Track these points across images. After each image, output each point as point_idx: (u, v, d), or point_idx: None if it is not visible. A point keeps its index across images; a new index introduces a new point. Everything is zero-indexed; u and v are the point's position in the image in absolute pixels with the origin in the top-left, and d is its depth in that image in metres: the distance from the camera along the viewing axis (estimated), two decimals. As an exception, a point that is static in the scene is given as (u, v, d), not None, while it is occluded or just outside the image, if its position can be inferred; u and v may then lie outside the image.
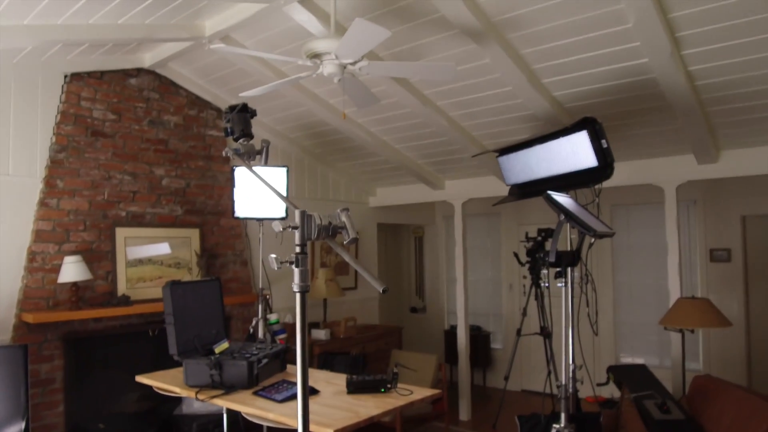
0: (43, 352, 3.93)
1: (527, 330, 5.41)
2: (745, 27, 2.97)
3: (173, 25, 3.76)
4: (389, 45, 3.72)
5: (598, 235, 2.70)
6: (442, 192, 6.25)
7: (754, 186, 5.54)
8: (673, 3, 2.88)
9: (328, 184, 6.37)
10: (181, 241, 4.74)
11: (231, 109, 2.47)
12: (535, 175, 4.06)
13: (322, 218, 1.23)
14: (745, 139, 4.26)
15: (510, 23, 3.30)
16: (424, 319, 8.16)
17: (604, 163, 3.59)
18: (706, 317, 4.05)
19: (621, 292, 6.41)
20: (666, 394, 3.66)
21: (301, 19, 3.47)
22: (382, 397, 2.74)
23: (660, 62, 3.28)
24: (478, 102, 4.31)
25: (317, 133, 5.52)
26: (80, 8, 3.32)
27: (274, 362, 3.16)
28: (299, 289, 1.24)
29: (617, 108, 4.03)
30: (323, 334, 5.43)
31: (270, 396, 2.71)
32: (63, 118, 4.17)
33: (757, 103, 3.71)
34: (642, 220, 6.27)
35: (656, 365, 5.93)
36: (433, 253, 8.18)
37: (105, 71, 4.40)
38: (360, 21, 2.54)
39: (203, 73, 4.67)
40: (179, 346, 2.94)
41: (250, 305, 5.16)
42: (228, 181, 5.03)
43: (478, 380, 7.18)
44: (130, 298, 4.30)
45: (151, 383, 3.12)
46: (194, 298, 3.15)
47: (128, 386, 3.95)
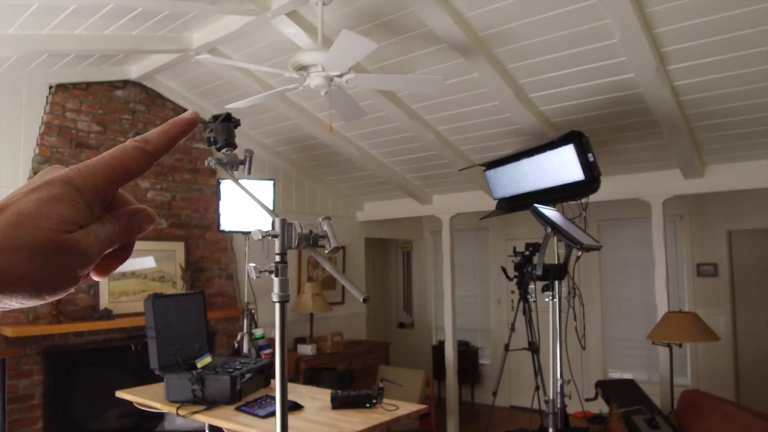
0: (22, 366, 3.84)
1: (515, 345, 5.37)
2: (729, 43, 3.00)
3: (160, 37, 3.74)
4: (377, 59, 3.72)
5: (584, 248, 2.69)
6: (430, 206, 6.24)
7: (739, 201, 5.58)
8: (659, 18, 2.91)
9: (316, 198, 6.35)
10: (165, 255, 4.68)
11: (214, 119, 2.45)
12: (522, 189, 4.06)
13: (303, 226, 1.20)
14: (730, 154, 4.29)
15: (497, 38, 3.31)
16: (411, 335, 8.11)
17: (590, 176, 3.60)
18: (694, 331, 4.05)
19: (609, 307, 6.41)
20: (655, 410, 3.64)
21: (289, 32, 3.47)
22: (367, 412, 2.70)
23: (645, 77, 3.31)
24: (466, 116, 4.32)
25: (305, 147, 5.50)
26: (66, 18, 3.30)
27: (258, 377, 3.10)
28: (278, 299, 1.21)
29: (604, 123, 4.05)
30: (309, 349, 5.37)
31: (253, 411, 2.66)
32: (47, 129, 4.12)
33: (740, 119, 3.74)
34: (629, 235, 6.29)
35: (644, 380, 5.91)
36: (420, 268, 8.15)
37: (91, 83, 4.36)
38: (347, 33, 2.54)
39: (190, 85, 4.65)
40: (161, 361, 2.89)
41: (236, 320, 5.09)
42: (214, 194, 4.98)
43: (466, 396, 7.12)
44: (113, 312, 4.23)
45: (132, 399, 3.05)
46: (177, 311, 3.10)
47: (109, 403, 3.86)
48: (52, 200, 0.36)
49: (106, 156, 0.40)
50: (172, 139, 0.43)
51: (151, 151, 0.41)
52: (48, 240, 0.35)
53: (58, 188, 0.37)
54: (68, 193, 0.37)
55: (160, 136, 0.42)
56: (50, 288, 0.37)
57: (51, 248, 0.35)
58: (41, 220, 0.35)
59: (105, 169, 0.39)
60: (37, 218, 0.35)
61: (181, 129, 0.43)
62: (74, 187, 0.38)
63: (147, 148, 0.41)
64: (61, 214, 0.36)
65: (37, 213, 0.36)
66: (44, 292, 0.36)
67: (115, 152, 0.40)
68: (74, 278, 0.38)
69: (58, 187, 0.37)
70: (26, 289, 0.35)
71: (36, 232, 0.35)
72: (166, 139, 0.42)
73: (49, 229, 0.35)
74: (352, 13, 3.32)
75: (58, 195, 0.37)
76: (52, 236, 0.35)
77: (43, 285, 0.36)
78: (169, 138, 0.43)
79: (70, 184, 0.38)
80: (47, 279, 0.36)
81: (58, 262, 0.36)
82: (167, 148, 0.43)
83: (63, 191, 0.37)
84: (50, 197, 0.36)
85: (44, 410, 3.92)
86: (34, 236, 0.35)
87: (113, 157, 0.40)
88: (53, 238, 0.36)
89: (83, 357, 4.16)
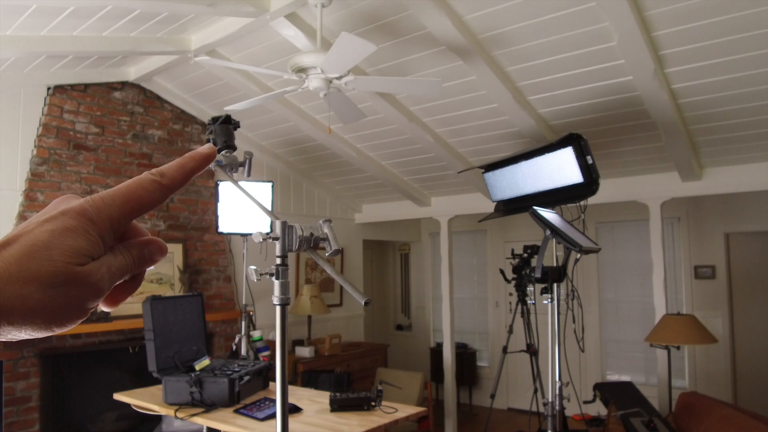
0: (19, 369, 3.83)
1: (513, 347, 5.37)
2: (726, 46, 3.01)
3: (159, 39, 3.74)
4: (375, 61, 3.72)
5: (583, 250, 2.69)
6: (428, 209, 6.24)
7: (736, 203, 5.59)
8: (657, 21, 2.92)
9: (314, 201, 6.34)
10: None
11: (214, 121, 2.45)
12: (520, 191, 4.07)
13: (303, 229, 1.20)
14: (728, 157, 4.30)
15: (496, 41, 3.32)
16: (409, 337, 8.10)
17: (589, 179, 3.60)
18: (692, 334, 4.05)
19: (607, 310, 6.41)
20: (653, 412, 3.64)
21: (288, 34, 3.47)
22: (366, 415, 2.69)
23: (644, 80, 3.31)
24: (465, 119, 4.33)
25: (303, 149, 5.50)
26: (64, 20, 3.29)
27: (256, 380, 3.10)
28: (279, 301, 1.21)
29: (602, 125, 4.05)
30: (308, 352, 5.36)
31: (251, 414, 2.65)
32: (45, 130, 4.11)
33: (738, 122, 3.75)
34: (627, 237, 6.30)
35: (642, 382, 5.92)
36: (418, 271, 8.15)
37: (89, 84, 4.36)
38: (346, 35, 2.54)
39: (189, 87, 4.64)
40: (159, 363, 2.88)
41: (234, 322, 5.08)
42: (212, 196, 4.98)
43: (464, 398, 7.11)
44: (110, 314, 4.21)
45: (130, 401, 3.04)
46: (175, 313, 3.09)
47: (107, 405, 3.86)
48: (66, 232, 0.36)
49: (122, 188, 0.40)
50: (188, 173, 0.43)
51: (168, 185, 0.42)
52: (60, 272, 0.35)
53: (73, 220, 0.37)
54: (82, 225, 0.37)
55: (177, 170, 0.43)
56: (60, 320, 0.36)
57: (63, 281, 0.35)
58: (54, 251, 0.35)
59: (120, 201, 0.39)
60: (50, 250, 0.35)
61: (198, 163, 0.44)
62: (88, 219, 0.38)
63: (163, 182, 0.41)
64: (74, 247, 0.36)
65: (50, 244, 0.36)
66: (54, 324, 0.36)
67: (131, 185, 0.40)
68: (84, 310, 0.38)
69: (73, 219, 0.37)
70: (36, 321, 0.35)
71: (48, 264, 0.35)
72: (183, 173, 0.43)
73: (61, 261, 0.35)
74: (351, 16, 3.33)
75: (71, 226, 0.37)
76: (65, 268, 0.35)
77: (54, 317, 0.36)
78: (185, 172, 0.43)
79: (84, 215, 0.38)
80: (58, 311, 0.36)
81: (69, 294, 0.36)
82: (184, 182, 0.43)
83: (77, 223, 0.37)
84: (64, 228, 0.36)
85: (41, 413, 3.90)
86: (46, 268, 0.35)
87: (129, 190, 0.40)
88: (65, 270, 0.35)
89: (81, 359, 4.14)
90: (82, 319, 0.38)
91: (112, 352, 4.29)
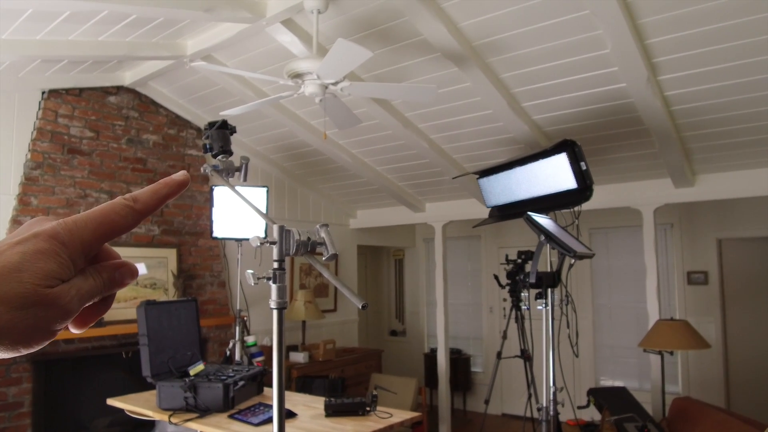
0: (11, 374, 3.80)
1: (508, 353, 5.38)
2: (719, 54, 3.05)
3: (154, 44, 3.74)
4: (371, 67, 3.74)
5: (577, 255, 2.70)
6: (423, 214, 6.25)
7: (729, 210, 5.63)
8: (650, 29, 2.95)
9: (309, 206, 6.34)
10: (157, 262, 4.66)
11: (210, 126, 2.45)
12: (515, 197, 4.08)
13: (300, 233, 1.21)
14: (720, 164, 4.34)
15: (490, 47, 3.34)
16: (404, 343, 8.10)
17: (583, 185, 3.62)
18: (685, 339, 4.07)
19: (600, 315, 6.43)
20: (646, 417, 3.65)
21: (284, 40, 3.48)
22: (361, 420, 2.69)
23: (637, 87, 3.34)
24: (459, 125, 4.34)
25: (298, 154, 5.50)
26: (60, 24, 3.29)
27: (250, 385, 3.09)
28: (276, 305, 1.21)
29: (596, 132, 4.08)
30: (302, 357, 5.35)
31: (246, 419, 2.65)
32: (39, 134, 4.10)
33: (730, 128, 3.79)
34: (620, 243, 6.33)
35: (636, 388, 5.93)
36: (413, 276, 8.15)
37: (84, 88, 4.35)
38: (342, 41, 2.55)
39: (184, 92, 4.65)
40: (153, 368, 2.87)
41: (228, 327, 5.07)
42: (207, 201, 4.97)
43: (458, 404, 7.11)
44: (104, 320, 4.19)
45: (124, 406, 3.03)
46: (169, 318, 3.08)
47: (100, 410, 3.83)
48: (37, 254, 0.37)
49: (95, 212, 0.40)
50: (162, 199, 0.44)
51: (140, 210, 0.42)
52: (29, 294, 0.35)
53: (44, 242, 0.37)
54: (53, 248, 0.37)
55: (150, 196, 0.43)
56: (27, 341, 0.37)
57: (31, 302, 0.36)
58: (24, 274, 0.36)
59: (93, 225, 0.40)
60: (20, 272, 0.36)
61: (171, 189, 0.44)
62: (60, 242, 0.38)
63: (136, 207, 0.42)
64: (44, 269, 0.36)
65: (21, 266, 0.36)
66: (20, 345, 0.36)
67: (105, 209, 0.41)
68: (52, 332, 0.38)
69: (44, 242, 0.37)
70: (3, 342, 0.35)
71: (18, 285, 0.35)
72: (156, 199, 0.43)
73: (31, 284, 0.36)
74: (347, 22, 3.34)
75: (43, 249, 0.37)
76: (34, 291, 0.36)
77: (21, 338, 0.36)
78: (158, 198, 0.43)
79: (56, 238, 0.38)
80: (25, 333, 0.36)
81: (37, 316, 0.36)
82: (156, 207, 0.43)
83: (48, 246, 0.37)
84: (35, 251, 0.37)
85: (33, 418, 3.88)
86: (15, 290, 0.35)
87: (102, 214, 0.40)
88: (34, 292, 0.36)
89: (74, 364, 4.12)
90: (49, 340, 0.38)
91: (106, 357, 4.27)
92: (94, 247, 0.40)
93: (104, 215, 0.40)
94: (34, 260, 0.36)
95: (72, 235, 0.39)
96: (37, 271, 0.36)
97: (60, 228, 0.38)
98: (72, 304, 0.38)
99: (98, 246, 0.41)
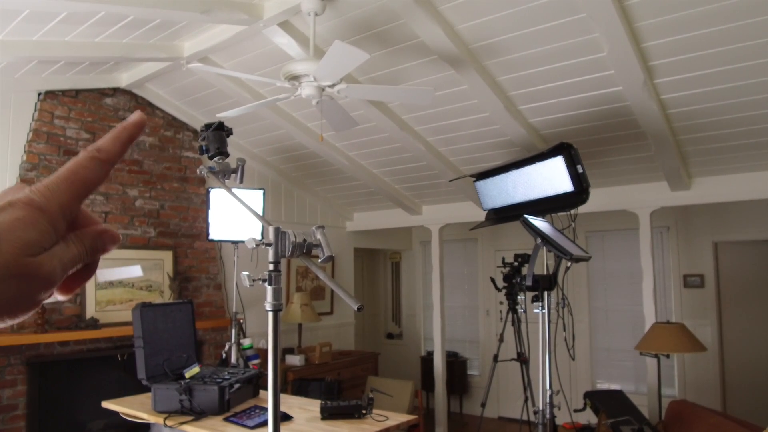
0: (6, 376, 3.79)
1: (504, 356, 5.38)
2: (715, 57, 3.05)
3: (151, 45, 3.73)
4: (368, 69, 3.74)
5: (574, 258, 2.71)
6: (420, 217, 6.25)
7: (725, 213, 5.65)
8: (646, 33, 2.96)
9: (305, 208, 6.34)
10: (153, 264, 4.64)
11: (207, 127, 2.44)
12: (511, 200, 4.08)
13: (296, 235, 1.20)
14: (716, 167, 4.35)
15: (487, 50, 3.34)
16: (400, 346, 8.09)
17: (579, 188, 3.62)
18: (681, 342, 4.07)
19: (597, 318, 6.43)
20: (643, 420, 3.65)
21: (281, 42, 3.48)
22: (356, 423, 2.69)
23: (633, 90, 3.35)
24: (456, 127, 4.35)
25: (295, 157, 5.50)
26: (56, 25, 3.29)
27: (246, 387, 3.08)
28: (272, 307, 1.20)
29: (592, 135, 4.09)
30: (298, 360, 5.33)
31: (241, 422, 2.64)
32: (35, 136, 4.09)
33: (726, 132, 3.80)
34: (617, 246, 6.34)
35: (632, 391, 5.93)
36: (409, 279, 8.15)
37: (80, 90, 4.34)
38: (339, 43, 2.55)
39: (181, 94, 4.64)
40: (148, 371, 2.86)
41: (224, 330, 5.05)
42: (203, 203, 4.96)
43: (454, 407, 7.10)
44: (99, 322, 4.18)
45: (118, 409, 3.01)
46: (165, 321, 3.07)
47: (95, 413, 3.82)
48: (15, 223, 0.36)
49: (62, 172, 0.39)
50: (124, 143, 0.42)
51: (106, 159, 0.41)
52: (10, 265, 0.35)
53: (21, 210, 0.36)
54: (31, 215, 0.36)
55: (112, 142, 0.42)
56: (11, 312, 0.36)
57: (13, 273, 0.35)
58: (3, 244, 0.35)
59: (65, 185, 0.39)
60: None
61: (130, 132, 0.43)
62: (37, 209, 0.37)
63: (101, 157, 0.41)
64: (23, 238, 0.35)
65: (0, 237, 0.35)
66: (5, 315, 0.36)
67: (71, 166, 0.40)
68: (36, 302, 0.37)
69: (21, 210, 0.36)
70: None
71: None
72: (119, 144, 0.42)
73: (11, 254, 0.35)
74: (344, 24, 3.34)
75: (20, 217, 0.36)
76: (15, 260, 0.35)
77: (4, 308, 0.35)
78: (121, 142, 0.42)
79: (32, 205, 0.37)
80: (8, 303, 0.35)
81: (20, 286, 0.35)
82: (121, 152, 0.42)
83: (25, 213, 0.36)
84: (13, 220, 0.36)
85: (28, 421, 3.86)
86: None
87: (70, 172, 0.39)
88: (15, 262, 0.35)
89: (68, 367, 4.10)
90: (34, 310, 0.38)
91: (101, 360, 4.25)
92: (73, 208, 0.39)
93: (73, 173, 0.39)
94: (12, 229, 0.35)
95: (48, 199, 0.38)
96: (16, 240, 0.35)
97: (34, 195, 0.37)
98: (55, 273, 0.37)
99: (76, 206, 0.40)
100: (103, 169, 0.41)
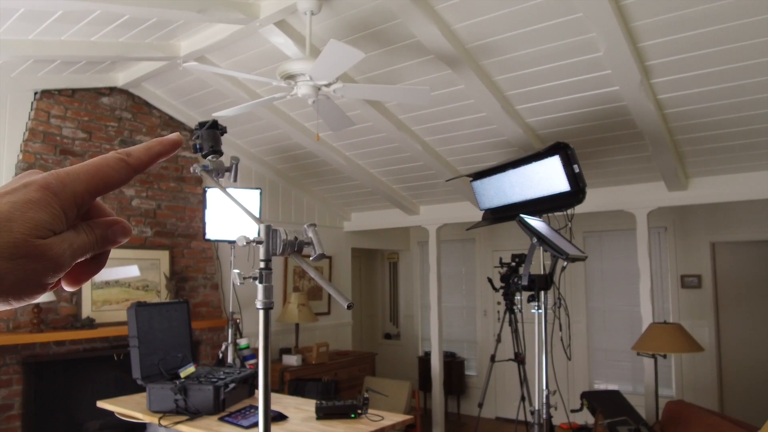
0: (1, 376, 3.77)
1: (501, 356, 5.38)
2: (712, 57, 3.05)
3: (148, 45, 3.73)
4: (364, 69, 3.74)
5: (570, 258, 2.70)
6: (417, 217, 6.25)
7: (722, 213, 5.65)
8: (643, 32, 2.95)
9: (302, 208, 6.33)
10: (150, 263, 4.63)
11: (200, 126, 2.44)
12: (508, 200, 4.08)
13: (288, 233, 1.20)
14: (714, 167, 4.35)
15: (484, 50, 3.34)
16: (397, 346, 8.08)
17: (576, 188, 3.62)
18: (678, 342, 4.07)
19: (594, 318, 6.43)
20: (640, 420, 3.65)
21: (277, 42, 3.47)
22: (352, 423, 2.68)
23: (630, 90, 3.35)
24: (453, 127, 4.34)
25: (292, 156, 5.49)
26: (52, 24, 3.28)
27: (242, 387, 3.07)
28: (262, 305, 1.20)
29: (589, 135, 4.09)
30: (295, 360, 5.33)
31: (236, 422, 2.63)
32: (31, 135, 4.08)
33: (723, 132, 3.80)
34: (614, 246, 6.34)
35: (629, 391, 5.93)
36: (407, 279, 8.14)
37: (76, 89, 4.33)
38: (335, 42, 2.54)
39: (178, 93, 4.63)
40: (143, 370, 2.85)
41: (220, 330, 5.05)
42: (200, 203, 4.96)
43: (452, 407, 7.09)
44: (95, 321, 4.17)
45: (114, 409, 3.00)
46: (160, 320, 3.06)
47: (90, 413, 3.81)
48: (28, 204, 0.36)
49: (87, 164, 0.39)
50: (154, 156, 0.43)
51: (133, 165, 0.42)
52: (19, 244, 0.34)
53: (36, 192, 0.36)
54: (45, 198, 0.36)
55: (144, 152, 0.42)
56: (18, 293, 0.36)
57: (21, 253, 0.35)
58: (14, 223, 0.35)
59: (86, 177, 0.39)
60: (10, 222, 0.35)
61: (164, 148, 0.44)
62: (52, 193, 0.37)
63: (129, 161, 0.41)
64: (35, 219, 0.35)
65: (11, 216, 0.35)
66: (11, 296, 0.36)
67: (98, 162, 0.40)
68: (43, 285, 0.37)
69: (36, 191, 0.36)
70: None
71: (8, 235, 0.34)
72: (149, 156, 0.43)
73: (21, 233, 0.35)
74: (341, 24, 3.34)
75: (34, 199, 0.36)
76: (24, 240, 0.35)
77: (11, 290, 0.35)
78: (152, 155, 0.43)
79: (48, 189, 0.37)
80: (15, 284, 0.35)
81: (27, 267, 0.35)
82: (149, 163, 0.43)
83: (40, 195, 0.36)
84: (26, 201, 0.36)
85: (24, 421, 3.85)
86: (5, 239, 0.34)
87: (95, 166, 0.40)
88: (25, 242, 0.35)
89: (64, 366, 4.09)
90: (40, 294, 0.37)
91: (96, 360, 4.24)
92: (87, 201, 0.39)
93: (97, 168, 0.40)
94: (24, 209, 0.35)
95: (64, 186, 0.38)
96: (28, 221, 0.35)
97: (52, 178, 0.37)
98: (64, 257, 0.37)
99: (90, 199, 0.40)
100: (127, 173, 0.41)
